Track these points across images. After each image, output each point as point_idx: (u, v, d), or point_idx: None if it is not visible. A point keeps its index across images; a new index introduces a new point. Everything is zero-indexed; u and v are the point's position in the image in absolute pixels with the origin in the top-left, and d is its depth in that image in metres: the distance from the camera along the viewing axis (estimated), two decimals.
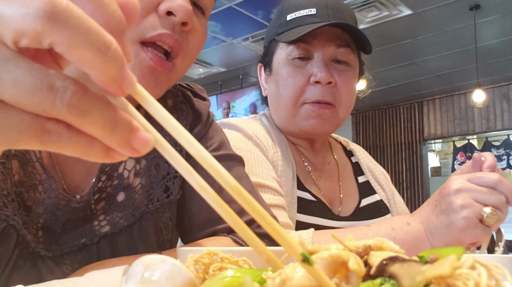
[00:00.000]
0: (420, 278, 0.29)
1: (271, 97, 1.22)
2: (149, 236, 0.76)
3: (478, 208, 0.81)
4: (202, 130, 0.88)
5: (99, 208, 0.74)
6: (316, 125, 1.14)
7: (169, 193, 0.79)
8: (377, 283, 0.31)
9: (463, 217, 0.81)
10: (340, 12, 1.15)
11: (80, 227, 0.72)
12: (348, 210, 1.19)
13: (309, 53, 1.14)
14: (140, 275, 0.34)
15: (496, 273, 0.30)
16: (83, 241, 0.71)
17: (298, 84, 1.13)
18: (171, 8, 0.67)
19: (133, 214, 0.75)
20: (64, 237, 0.70)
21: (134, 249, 0.74)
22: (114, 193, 0.75)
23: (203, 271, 0.40)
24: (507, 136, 7.98)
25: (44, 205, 0.69)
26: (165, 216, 0.79)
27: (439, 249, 0.34)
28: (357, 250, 0.35)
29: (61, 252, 0.69)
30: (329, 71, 1.12)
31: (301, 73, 1.13)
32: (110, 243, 0.73)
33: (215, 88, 7.73)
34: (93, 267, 0.64)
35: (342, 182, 1.25)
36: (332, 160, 1.29)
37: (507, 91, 7.80)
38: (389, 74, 7.36)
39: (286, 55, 1.15)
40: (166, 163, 0.80)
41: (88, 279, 0.44)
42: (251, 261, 0.44)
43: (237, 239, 0.77)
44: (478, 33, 5.60)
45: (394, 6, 5.07)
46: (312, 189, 1.15)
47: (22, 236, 0.65)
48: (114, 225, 0.74)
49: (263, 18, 5.34)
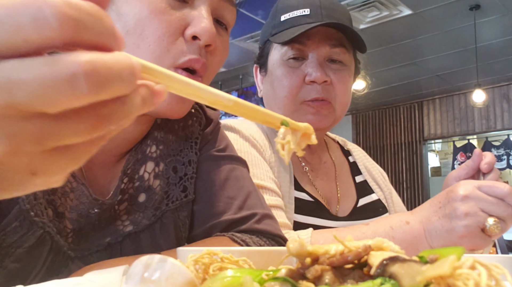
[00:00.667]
0: (420, 278, 0.29)
1: (267, 98, 1.22)
2: (169, 233, 0.80)
3: (482, 218, 0.80)
4: (211, 133, 0.92)
5: (122, 209, 0.78)
6: (314, 121, 1.13)
7: (187, 192, 0.84)
8: (377, 283, 0.31)
9: (465, 225, 0.81)
10: (334, 11, 1.15)
11: (106, 228, 0.76)
12: (345, 209, 1.19)
13: (304, 54, 1.14)
14: (140, 275, 0.34)
15: (496, 273, 0.30)
16: (108, 240, 0.75)
17: (293, 85, 1.13)
18: (196, 33, 0.71)
19: (154, 213, 0.79)
20: (92, 238, 0.74)
21: (156, 246, 0.78)
22: (136, 194, 0.79)
23: (203, 271, 0.40)
24: (507, 136, 7.99)
25: (77, 211, 0.73)
26: (183, 214, 0.83)
27: (439, 249, 0.34)
28: (357, 250, 0.35)
29: (89, 251, 0.73)
30: (324, 71, 1.12)
31: (296, 74, 1.13)
32: (133, 242, 0.77)
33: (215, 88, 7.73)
34: (93, 267, 0.65)
35: (339, 182, 1.25)
36: (328, 159, 1.29)
37: (507, 91, 7.80)
38: (389, 74, 7.36)
39: (281, 56, 1.15)
40: (183, 165, 0.85)
41: (88, 279, 0.44)
42: (251, 261, 0.44)
43: (236, 239, 0.78)
44: (478, 33, 5.60)
45: (394, 6, 5.08)
46: (309, 189, 1.15)
47: (56, 242, 0.69)
48: (137, 224, 0.78)
49: (263, 18, 5.34)
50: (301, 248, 0.36)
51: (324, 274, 0.34)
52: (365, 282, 0.32)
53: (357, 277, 0.34)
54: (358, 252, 0.35)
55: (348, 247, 0.36)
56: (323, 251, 0.36)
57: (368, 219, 1.15)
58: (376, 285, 0.31)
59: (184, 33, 0.71)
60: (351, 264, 0.36)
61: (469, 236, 0.81)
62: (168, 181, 0.83)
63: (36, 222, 0.66)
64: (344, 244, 0.36)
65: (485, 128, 8.02)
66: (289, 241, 0.36)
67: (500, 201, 0.81)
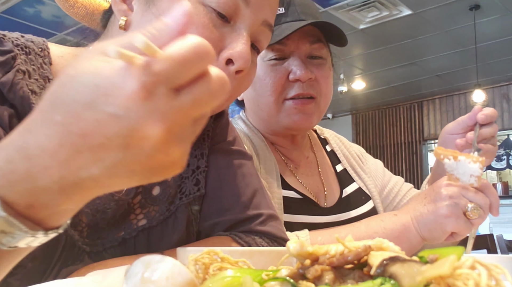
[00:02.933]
0: (420, 278, 0.29)
1: (249, 100, 1.20)
2: (182, 228, 0.79)
3: (464, 201, 0.90)
4: (221, 126, 0.91)
5: (135, 202, 0.77)
6: (300, 121, 1.13)
7: (199, 186, 0.82)
8: (377, 283, 0.31)
9: (448, 204, 0.90)
10: (307, 7, 1.14)
11: (120, 222, 0.75)
12: (332, 202, 1.18)
13: (285, 53, 1.12)
14: (140, 275, 0.34)
15: (496, 273, 0.30)
16: (122, 235, 0.74)
17: (277, 82, 1.11)
18: (232, 56, 0.68)
19: (168, 207, 0.78)
20: (106, 233, 0.73)
21: (169, 241, 0.77)
22: (150, 187, 0.78)
23: (203, 271, 0.40)
24: (507, 136, 7.98)
25: (93, 205, 0.72)
26: (195, 208, 0.82)
27: (439, 249, 0.34)
28: (357, 250, 0.35)
29: (103, 247, 0.72)
30: (308, 68, 1.11)
31: (279, 71, 1.11)
32: (146, 236, 0.76)
33: None
34: (95, 267, 0.65)
35: (323, 174, 1.24)
36: (310, 154, 1.28)
37: (507, 91, 7.80)
38: (389, 74, 7.36)
39: (261, 57, 1.13)
40: (196, 158, 0.84)
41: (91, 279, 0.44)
42: (251, 261, 0.44)
43: (237, 239, 0.78)
44: (478, 33, 5.60)
45: (394, 6, 5.07)
46: (296, 186, 1.14)
47: (71, 236, 0.68)
48: (150, 219, 0.77)
49: None
50: (302, 249, 0.36)
51: (324, 274, 0.34)
52: (365, 282, 0.32)
53: (357, 277, 0.34)
54: (358, 252, 0.35)
55: (348, 247, 0.36)
56: (323, 251, 0.36)
57: (354, 209, 1.17)
58: (376, 285, 0.31)
59: (220, 55, 0.69)
60: (351, 264, 0.36)
61: (452, 216, 0.90)
62: (181, 174, 0.81)
63: None
64: (344, 244, 0.36)
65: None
66: (289, 242, 0.36)
67: (479, 191, 0.90)
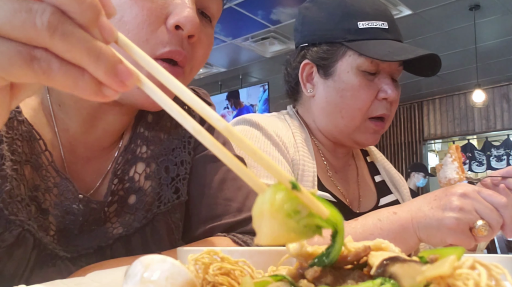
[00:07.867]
0: (420, 278, 0.29)
1: (328, 103, 1.17)
2: (161, 236, 0.78)
3: (474, 217, 0.82)
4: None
5: (112, 211, 0.76)
6: (371, 141, 1.16)
7: (179, 194, 0.81)
8: (377, 283, 0.31)
9: (457, 217, 0.83)
10: (398, 27, 1.18)
11: (95, 230, 0.74)
12: (366, 209, 1.19)
13: (377, 69, 1.13)
14: (139, 275, 0.34)
15: (496, 273, 0.30)
16: (98, 243, 0.73)
17: (369, 98, 1.12)
18: (178, 22, 0.67)
19: (145, 215, 0.77)
20: (80, 239, 0.72)
21: (148, 250, 0.76)
22: (126, 195, 0.77)
23: (203, 271, 0.40)
24: (507, 136, 7.98)
25: (62, 207, 0.70)
26: (175, 216, 0.81)
27: (439, 249, 0.34)
28: (357, 251, 0.35)
29: (78, 253, 0.71)
30: (395, 89, 1.14)
31: (372, 88, 1.12)
32: (124, 245, 0.75)
33: (215, 88, 7.72)
34: (94, 267, 0.65)
35: (360, 182, 1.26)
36: (352, 162, 1.30)
37: (507, 91, 7.80)
38: None
39: (357, 65, 1.12)
40: (175, 165, 0.82)
41: (91, 279, 0.44)
42: (251, 261, 0.44)
43: (236, 239, 0.77)
44: (478, 33, 5.60)
45: (394, 6, 5.07)
46: (332, 189, 1.16)
47: (39, 239, 0.67)
48: (127, 227, 0.76)
49: (263, 18, 5.33)
50: (301, 249, 0.36)
51: (323, 274, 0.34)
52: (365, 282, 0.32)
53: (357, 277, 0.34)
54: (357, 253, 0.35)
55: (348, 247, 0.36)
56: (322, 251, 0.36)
57: None
58: (376, 285, 0.31)
59: (166, 22, 0.68)
60: (351, 265, 0.36)
61: (457, 230, 0.83)
62: (160, 181, 0.80)
63: (13, 220, 0.64)
64: (344, 244, 0.36)
65: (485, 128, 8.01)
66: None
67: (494, 209, 0.83)
